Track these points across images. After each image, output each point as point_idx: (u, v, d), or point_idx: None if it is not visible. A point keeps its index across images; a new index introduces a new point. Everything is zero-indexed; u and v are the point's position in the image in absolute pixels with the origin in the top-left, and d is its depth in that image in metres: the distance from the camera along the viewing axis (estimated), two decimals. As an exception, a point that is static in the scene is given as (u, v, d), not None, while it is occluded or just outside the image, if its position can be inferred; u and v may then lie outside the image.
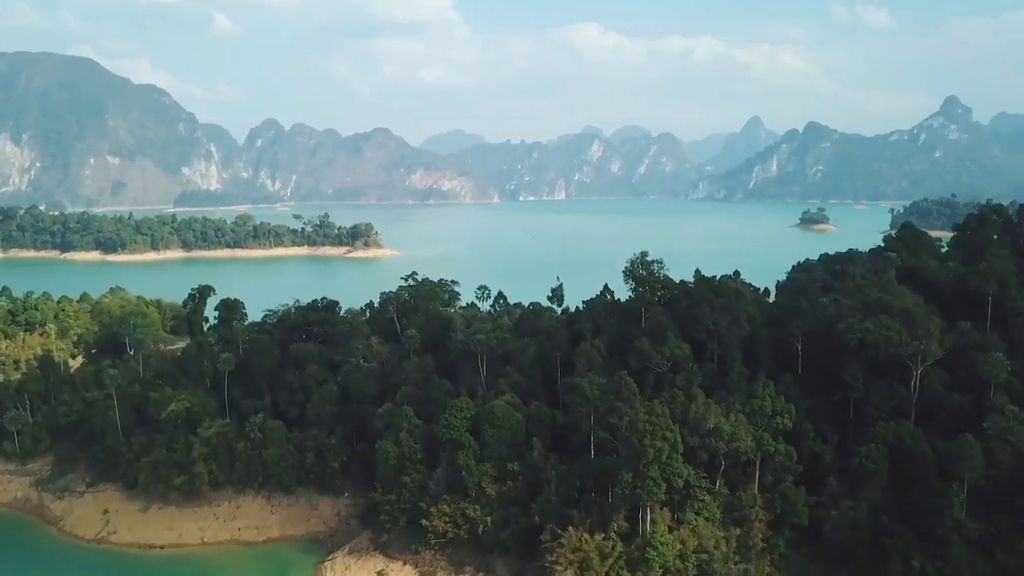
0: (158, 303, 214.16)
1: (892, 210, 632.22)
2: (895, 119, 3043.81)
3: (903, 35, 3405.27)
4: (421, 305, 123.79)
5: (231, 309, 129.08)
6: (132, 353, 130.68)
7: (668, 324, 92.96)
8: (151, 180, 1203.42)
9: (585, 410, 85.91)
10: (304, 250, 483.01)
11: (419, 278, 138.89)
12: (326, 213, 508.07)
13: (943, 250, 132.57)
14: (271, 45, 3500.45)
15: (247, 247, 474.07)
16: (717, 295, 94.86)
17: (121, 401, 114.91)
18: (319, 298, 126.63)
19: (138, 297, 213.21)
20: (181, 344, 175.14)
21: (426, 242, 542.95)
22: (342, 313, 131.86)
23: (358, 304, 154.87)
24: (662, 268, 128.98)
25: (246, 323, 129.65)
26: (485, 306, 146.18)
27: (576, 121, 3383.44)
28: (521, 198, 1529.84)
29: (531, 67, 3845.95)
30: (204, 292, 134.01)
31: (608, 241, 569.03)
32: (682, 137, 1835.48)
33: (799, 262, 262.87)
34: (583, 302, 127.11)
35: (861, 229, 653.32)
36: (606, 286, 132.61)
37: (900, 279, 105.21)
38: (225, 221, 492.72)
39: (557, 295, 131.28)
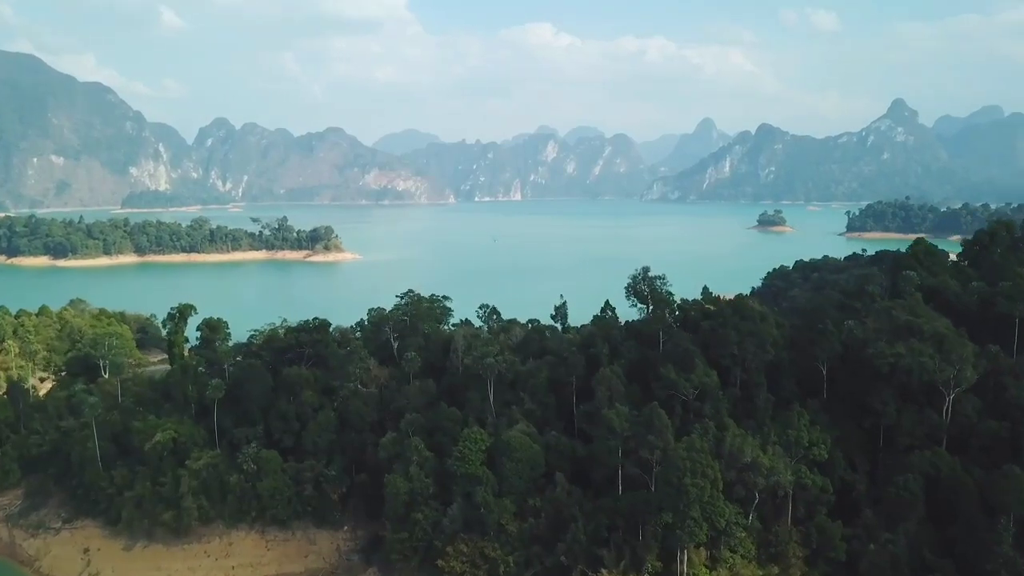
0: (122, 316, 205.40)
1: (848, 212, 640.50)
2: (844, 121, 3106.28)
3: (850, 38, 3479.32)
4: (419, 325, 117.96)
5: (214, 329, 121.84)
6: (107, 376, 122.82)
7: (694, 350, 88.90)
8: (97, 180, 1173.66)
9: (613, 443, 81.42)
10: (262, 254, 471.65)
11: (413, 294, 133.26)
12: (284, 217, 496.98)
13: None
14: (220, 42, 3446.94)
15: (203, 252, 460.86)
16: (742, 318, 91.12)
17: (99, 430, 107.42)
18: (310, 319, 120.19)
19: (100, 310, 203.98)
20: (156, 362, 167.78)
21: (387, 245, 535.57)
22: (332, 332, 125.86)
23: (338, 318, 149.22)
24: (664, 284, 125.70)
25: (230, 344, 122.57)
26: (477, 320, 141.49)
27: (530, 121, 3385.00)
28: (477, 199, 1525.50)
29: (485, 67, 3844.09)
30: (184, 311, 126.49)
31: (571, 244, 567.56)
32: (635, 138, 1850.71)
33: (774, 269, 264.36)
34: (593, 321, 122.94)
35: (818, 230, 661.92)
36: (607, 303, 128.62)
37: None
38: (180, 225, 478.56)
39: (560, 313, 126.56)
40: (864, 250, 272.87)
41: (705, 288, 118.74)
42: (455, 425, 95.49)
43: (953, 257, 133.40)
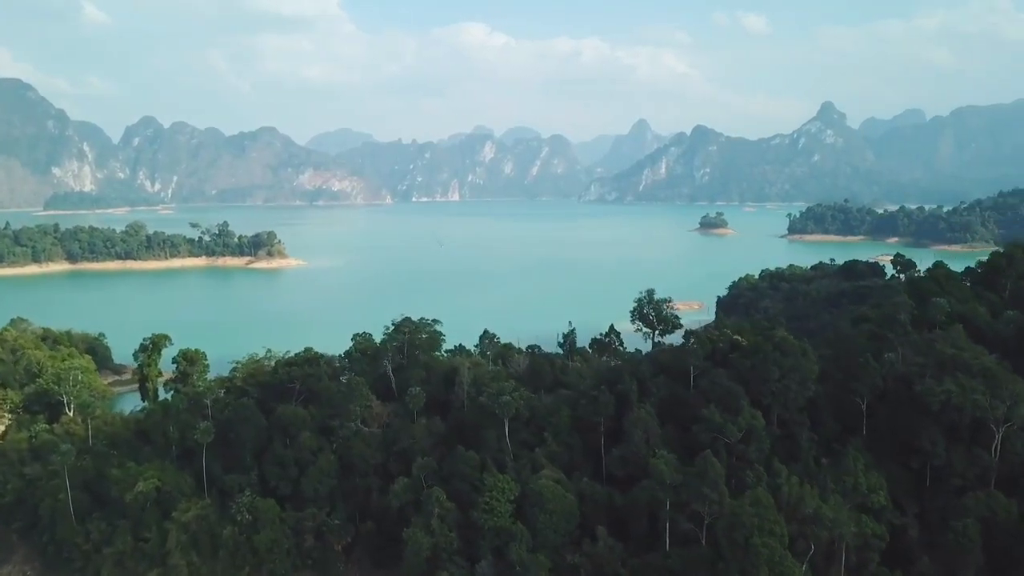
0: (68, 335, 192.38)
1: (789, 215, 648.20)
2: (776, 122, 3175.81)
3: (780, 41, 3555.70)
4: (419, 355, 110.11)
5: (192, 362, 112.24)
6: (72, 415, 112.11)
7: (736, 389, 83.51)
8: (17, 181, 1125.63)
9: (661, 495, 75.47)
10: (202, 261, 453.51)
11: (400, 317, 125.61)
12: (225, 222, 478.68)
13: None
14: (146, 38, 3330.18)
15: (140, 258, 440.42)
16: (783, 353, 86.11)
17: (70, 477, 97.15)
18: (302, 350, 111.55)
19: (44, 329, 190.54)
20: (108, 383, 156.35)
21: (330, 250, 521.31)
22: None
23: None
24: (671, 309, 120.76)
25: (209, 377, 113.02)
26: (469, 344, 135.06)
27: (466, 121, 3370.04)
28: (414, 199, 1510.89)
29: (419, 66, 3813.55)
30: (159, 342, 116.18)
31: (518, 247, 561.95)
32: (571, 139, 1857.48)
33: (741, 278, 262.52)
34: (593, 345, 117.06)
35: (759, 232, 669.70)
36: (612, 328, 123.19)
37: (944, 327, 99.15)
38: (114, 230, 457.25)
39: (569, 341, 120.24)
40: (834, 258, 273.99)
41: (744, 327, 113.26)
42: (473, 471, 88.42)
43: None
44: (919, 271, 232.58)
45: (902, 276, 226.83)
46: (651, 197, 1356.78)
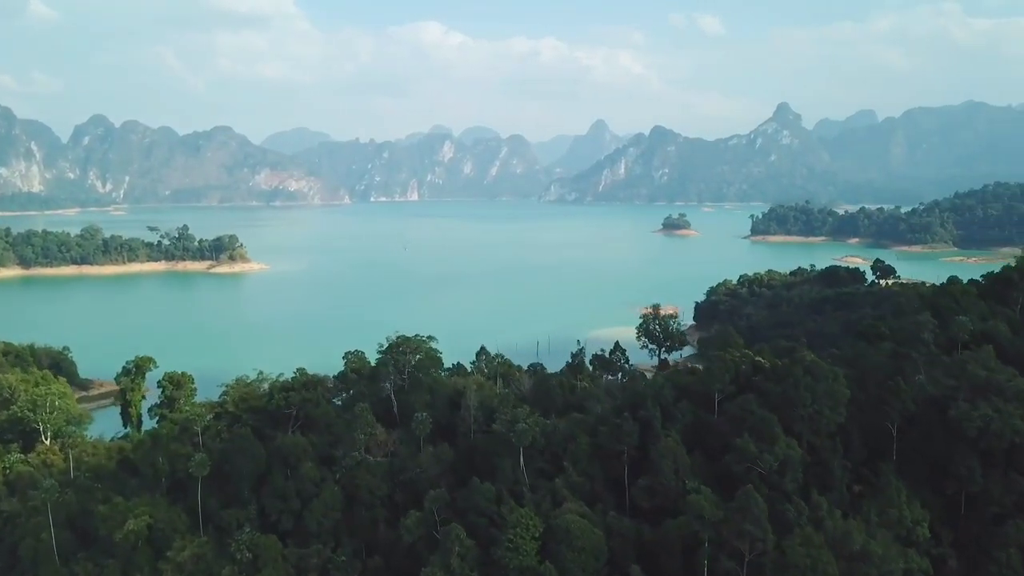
0: (31, 350, 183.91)
1: (752, 216, 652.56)
2: (732, 123, 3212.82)
3: (735, 42, 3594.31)
4: (422, 377, 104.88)
5: (178, 386, 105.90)
6: (49, 443, 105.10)
7: (770, 418, 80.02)
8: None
9: (702, 533, 71.72)
10: (162, 265, 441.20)
11: (394, 335, 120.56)
12: (185, 225, 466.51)
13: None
14: (95, 34, 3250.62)
15: (97, 263, 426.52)
16: (814, 377, 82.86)
17: (52, 515, 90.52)
18: (295, 371, 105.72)
19: (5, 344, 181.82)
20: (88, 407, 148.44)
21: (292, 253, 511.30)
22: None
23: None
24: (679, 326, 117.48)
25: (196, 401, 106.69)
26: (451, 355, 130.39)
27: (424, 121, 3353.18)
28: (372, 199, 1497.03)
29: (376, 64, 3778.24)
30: (143, 365, 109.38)
31: (483, 250, 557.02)
32: (529, 138, 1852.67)
33: (717, 284, 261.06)
34: (595, 360, 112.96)
35: (721, 233, 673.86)
36: (617, 344, 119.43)
37: (967, 347, 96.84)
38: (69, 234, 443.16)
39: (576, 360, 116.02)
40: (814, 265, 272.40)
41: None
42: (490, 504, 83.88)
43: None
44: (899, 276, 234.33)
45: (883, 282, 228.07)
46: (611, 197, 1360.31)
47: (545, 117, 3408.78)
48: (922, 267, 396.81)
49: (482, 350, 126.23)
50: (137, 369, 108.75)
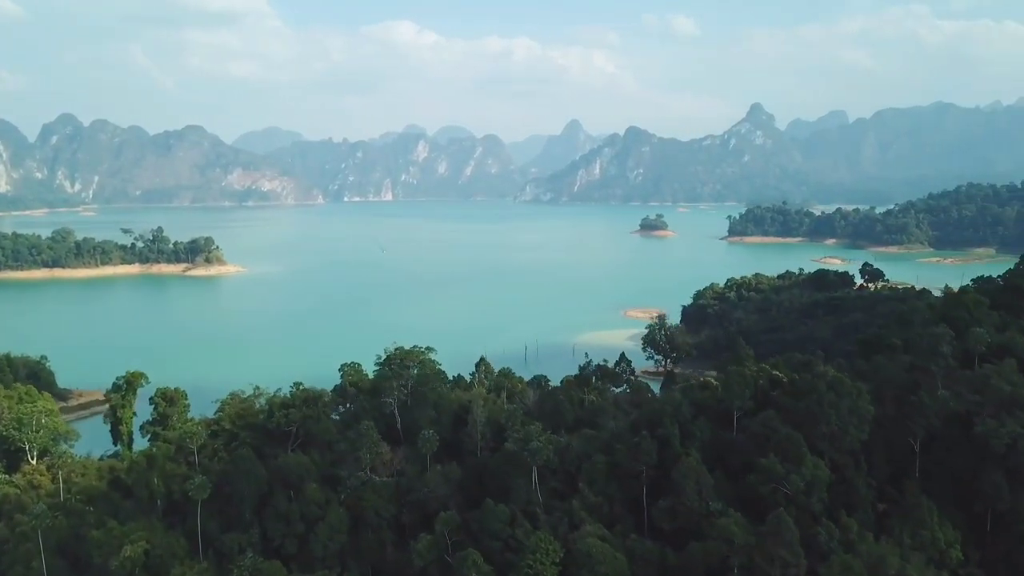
0: (8, 359, 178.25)
1: (729, 217, 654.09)
2: (707, 123, 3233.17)
3: (709, 43, 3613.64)
4: (426, 392, 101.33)
5: (171, 402, 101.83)
6: (35, 463, 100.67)
7: (796, 437, 77.73)
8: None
9: (731, 557, 69.33)
10: (136, 268, 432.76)
11: (392, 346, 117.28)
12: (159, 227, 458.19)
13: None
14: (62, 31, 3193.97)
15: (69, 266, 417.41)
16: (838, 394, 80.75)
17: (42, 540, 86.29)
18: (293, 385, 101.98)
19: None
20: (67, 419, 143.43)
21: (268, 255, 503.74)
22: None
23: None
24: (686, 337, 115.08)
25: (191, 418, 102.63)
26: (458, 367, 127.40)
27: (397, 120, 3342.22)
28: (346, 199, 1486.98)
29: (348, 63, 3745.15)
30: (134, 381, 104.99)
31: (461, 251, 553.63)
32: (503, 138, 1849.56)
33: (704, 288, 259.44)
34: (598, 371, 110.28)
35: (699, 234, 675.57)
36: (623, 356, 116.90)
37: (986, 360, 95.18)
38: (40, 236, 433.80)
39: (585, 373, 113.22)
40: (803, 269, 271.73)
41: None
42: (505, 527, 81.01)
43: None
44: (888, 281, 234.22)
45: (871, 286, 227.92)
46: (586, 198, 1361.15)
47: (519, 117, 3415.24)
48: (899, 268, 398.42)
49: (482, 361, 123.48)
50: (128, 385, 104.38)
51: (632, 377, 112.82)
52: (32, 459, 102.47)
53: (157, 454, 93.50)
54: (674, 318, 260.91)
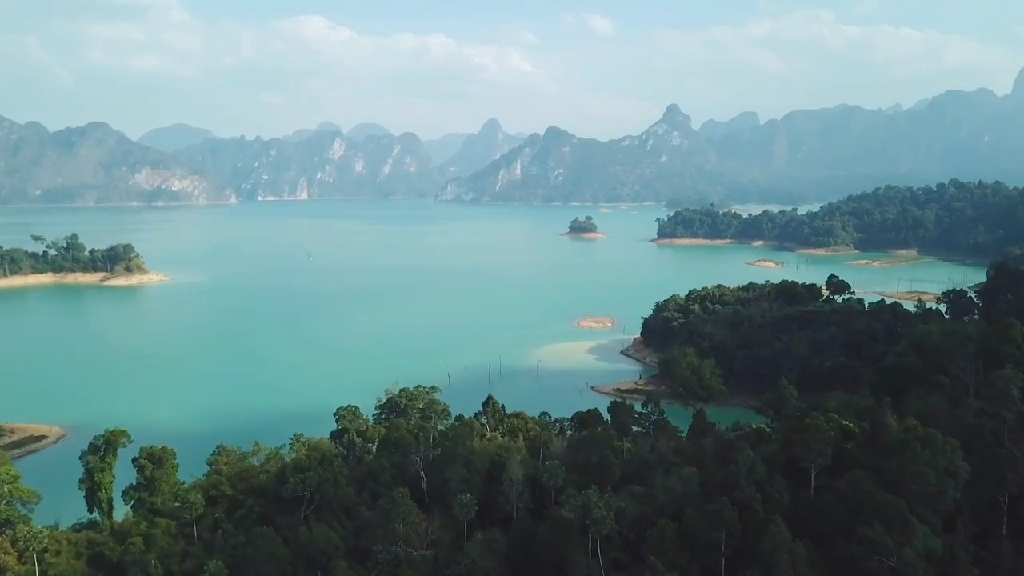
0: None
1: (658, 219, 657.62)
2: (624, 123, 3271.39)
3: (624, 44, 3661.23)
4: (458, 449, 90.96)
5: (159, 463, 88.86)
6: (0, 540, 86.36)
7: (899, 503, 70.90)
8: None
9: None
10: (49, 278, 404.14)
11: (397, 387, 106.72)
12: (74, 234, 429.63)
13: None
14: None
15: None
16: (932, 451, 74.30)
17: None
18: (292, 438, 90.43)
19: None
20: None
21: (191, 262, 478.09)
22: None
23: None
24: (716, 374, 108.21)
25: (183, 483, 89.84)
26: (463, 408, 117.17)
27: (311, 118, 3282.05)
28: (260, 198, 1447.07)
29: (260, 58, 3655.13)
30: (114, 440, 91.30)
31: (389, 256, 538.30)
32: (421, 137, 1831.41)
33: (662, 301, 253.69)
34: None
35: (628, 236, 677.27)
36: (651, 395, 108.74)
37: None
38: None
39: (621, 417, 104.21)
40: (772, 280, 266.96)
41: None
42: (571, 609, 72.09)
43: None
44: (853, 292, 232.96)
45: (836, 297, 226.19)
46: (507, 197, 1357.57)
47: (436, 115, 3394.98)
48: (830, 270, 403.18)
49: (489, 400, 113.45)
50: (108, 444, 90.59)
51: (665, 419, 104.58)
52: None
53: (155, 532, 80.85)
54: (629, 327, 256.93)
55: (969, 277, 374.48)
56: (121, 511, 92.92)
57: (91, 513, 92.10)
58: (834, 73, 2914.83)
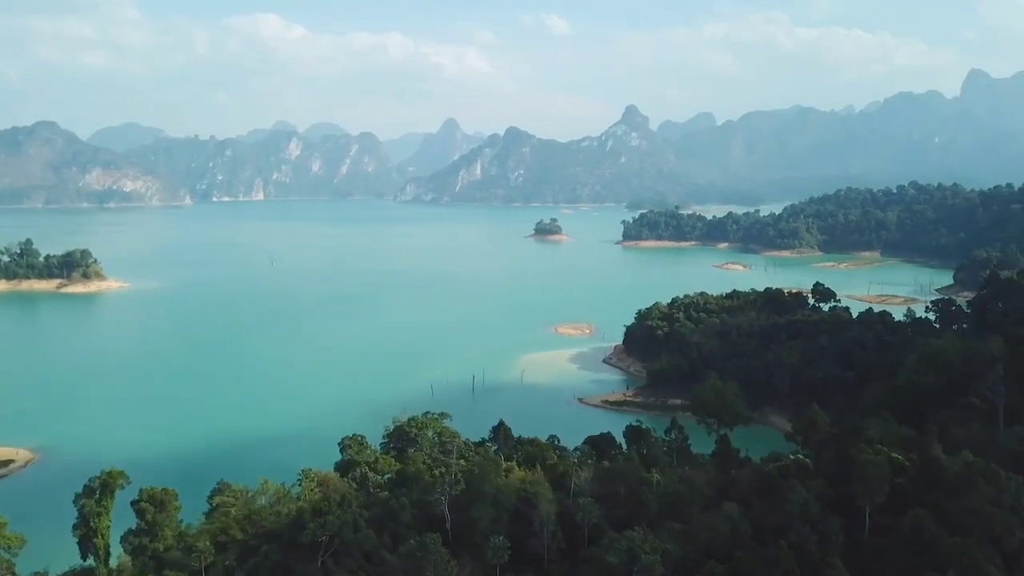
0: None
1: (624, 221, 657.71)
2: (583, 124, 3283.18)
3: (581, 44, 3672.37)
4: (486, 487, 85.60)
5: (161, 506, 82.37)
6: (-16, 593, 79.42)
7: (966, 544, 67.23)
8: None
9: None
10: (2, 285, 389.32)
11: (404, 414, 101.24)
12: (28, 239, 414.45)
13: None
14: None
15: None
16: (997, 489, 71.05)
17: None
18: (300, 474, 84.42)
19: None
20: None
21: (150, 267, 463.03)
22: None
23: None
24: (739, 397, 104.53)
25: (187, 526, 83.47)
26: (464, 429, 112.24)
27: (266, 117, 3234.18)
28: (215, 199, 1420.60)
29: (213, 56, 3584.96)
30: (111, 483, 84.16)
31: (353, 259, 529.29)
32: (379, 136, 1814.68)
33: (648, 307, 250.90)
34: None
35: (593, 238, 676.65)
36: (674, 421, 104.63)
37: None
38: None
39: (649, 449, 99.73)
40: (743, 282, 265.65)
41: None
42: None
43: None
44: (839, 300, 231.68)
45: (822, 305, 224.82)
46: (468, 198, 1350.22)
47: (394, 115, 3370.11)
48: (796, 273, 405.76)
49: (501, 425, 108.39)
50: (104, 487, 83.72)
51: (685, 445, 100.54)
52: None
53: (163, 586, 74.49)
54: (608, 333, 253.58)
55: (935, 279, 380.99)
56: (115, 554, 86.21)
57: (84, 560, 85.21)
58: (788, 75, 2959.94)
